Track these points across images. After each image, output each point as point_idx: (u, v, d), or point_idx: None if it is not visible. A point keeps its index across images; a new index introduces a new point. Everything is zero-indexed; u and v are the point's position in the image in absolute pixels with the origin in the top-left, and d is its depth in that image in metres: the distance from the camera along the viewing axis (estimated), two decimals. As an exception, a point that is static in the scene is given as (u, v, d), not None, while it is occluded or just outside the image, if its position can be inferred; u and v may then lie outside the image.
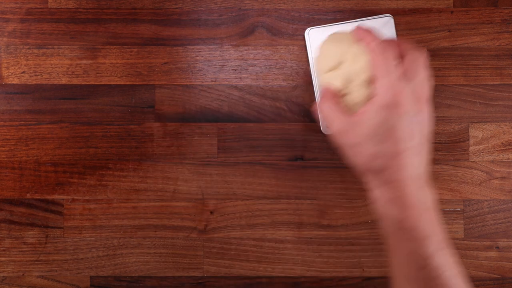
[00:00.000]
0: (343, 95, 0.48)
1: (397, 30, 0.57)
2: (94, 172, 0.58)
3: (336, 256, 0.58)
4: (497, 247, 0.58)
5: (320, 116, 0.54)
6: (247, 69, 0.59)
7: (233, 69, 0.59)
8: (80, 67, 0.59)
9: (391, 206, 0.43)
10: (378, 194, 0.44)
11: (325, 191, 0.58)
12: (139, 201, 0.58)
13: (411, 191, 0.43)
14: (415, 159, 0.43)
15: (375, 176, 0.44)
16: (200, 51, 0.59)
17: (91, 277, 0.58)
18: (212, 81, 0.58)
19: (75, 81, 0.59)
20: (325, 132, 0.57)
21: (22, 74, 0.58)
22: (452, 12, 0.59)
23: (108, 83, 0.59)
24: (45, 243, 0.58)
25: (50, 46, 0.59)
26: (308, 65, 0.58)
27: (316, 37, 0.57)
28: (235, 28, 0.59)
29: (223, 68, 0.59)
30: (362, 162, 0.45)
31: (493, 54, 0.58)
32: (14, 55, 0.58)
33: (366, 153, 0.44)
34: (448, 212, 0.58)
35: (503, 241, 0.58)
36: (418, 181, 0.43)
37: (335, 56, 0.49)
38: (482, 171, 0.58)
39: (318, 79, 0.54)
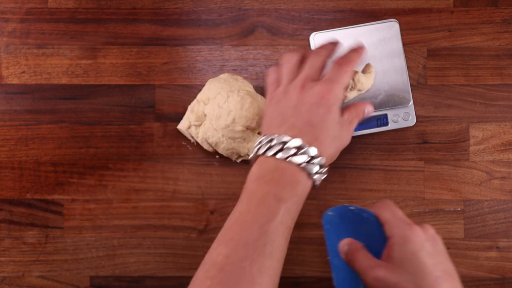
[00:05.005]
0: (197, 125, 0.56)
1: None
2: (94, 172, 0.58)
3: (336, 256, 0.58)
4: (497, 247, 0.58)
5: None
6: (247, 69, 0.59)
7: (233, 69, 0.59)
8: (80, 67, 0.58)
9: None
10: None
11: (325, 191, 0.58)
12: (139, 201, 0.58)
13: None
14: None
15: None
16: (200, 51, 0.59)
17: (91, 277, 0.58)
18: (212, 81, 0.58)
19: (75, 81, 0.59)
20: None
21: (22, 74, 0.58)
22: (452, 12, 0.59)
23: (108, 83, 0.59)
24: (45, 243, 0.58)
25: (50, 46, 0.59)
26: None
27: (321, 42, 0.57)
28: (235, 28, 0.59)
29: (223, 68, 0.59)
30: None
31: (493, 54, 0.58)
32: (14, 55, 0.58)
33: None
34: (448, 212, 0.58)
35: (503, 241, 0.58)
36: None
37: (214, 92, 0.55)
38: (482, 171, 0.58)
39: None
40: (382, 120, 0.57)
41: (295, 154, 0.45)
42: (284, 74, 0.51)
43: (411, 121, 0.57)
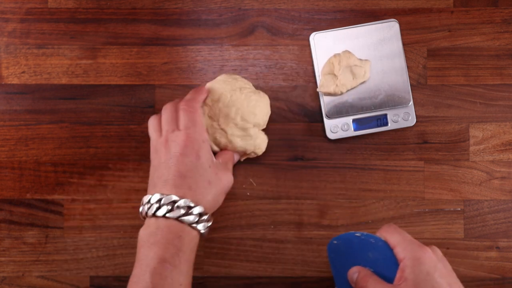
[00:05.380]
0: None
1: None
2: (94, 172, 0.58)
3: (336, 256, 0.58)
4: (497, 247, 0.58)
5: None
6: (247, 69, 0.59)
7: (233, 69, 0.59)
8: (80, 67, 0.58)
9: None
10: None
11: (325, 191, 0.58)
12: (139, 201, 0.58)
13: None
14: None
15: None
16: (200, 51, 0.59)
17: (91, 277, 0.58)
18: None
19: (75, 81, 0.59)
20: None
21: (22, 74, 0.58)
22: (452, 12, 0.59)
23: (108, 83, 0.59)
24: (45, 243, 0.58)
25: (50, 46, 0.59)
26: (313, 69, 0.58)
27: (321, 42, 0.57)
28: (235, 28, 0.59)
29: (223, 68, 0.59)
30: None
31: (493, 54, 0.58)
32: (14, 55, 0.58)
33: None
34: (448, 212, 0.58)
35: (503, 241, 0.58)
36: None
37: (216, 94, 0.54)
38: (482, 171, 0.58)
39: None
40: (382, 120, 0.57)
41: (172, 210, 0.47)
42: (163, 123, 0.52)
43: (411, 121, 0.57)
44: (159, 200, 0.47)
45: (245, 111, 0.53)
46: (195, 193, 0.48)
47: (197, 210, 0.48)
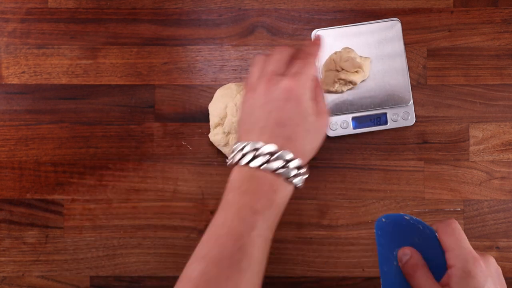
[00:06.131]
0: (224, 145, 0.56)
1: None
2: (94, 172, 0.58)
3: (336, 256, 0.58)
4: (497, 247, 0.58)
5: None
6: (247, 69, 0.59)
7: (233, 69, 0.59)
8: (80, 67, 0.58)
9: None
10: None
11: (325, 191, 0.58)
12: (139, 201, 0.58)
13: None
14: None
15: None
16: (200, 51, 0.59)
17: (91, 277, 0.58)
18: (212, 81, 0.58)
19: (75, 81, 0.59)
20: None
21: (22, 74, 0.58)
22: (452, 12, 0.59)
23: (108, 83, 0.59)
24: (45, 243, 0.58)
25: (50, 46, 0.59)
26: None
27: (323, 39, 0.57)
28: (235, 28, 0.59)
29: (223, 68, 0.59)
30: None
31: (493, 54, 0.58)
32: (14, 55, 0.58)
33: None
34: (448, 212, 0.58)
35: (503, 241, 0.58)
36: None
37: (221, 111, 0.55)
38: (482, 171, 0.58)
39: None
40: (382, 119, 0.57)
41: (268, 161, 0.43)
42: (272, 62, 0.48)
43: (411, 120, 0.57)
44: (256, 149, 0.43)
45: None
46: (294, 144, 0.44)
47: (295, 163, 0.43)
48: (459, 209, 0.58)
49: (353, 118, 0.57)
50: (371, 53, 0.56)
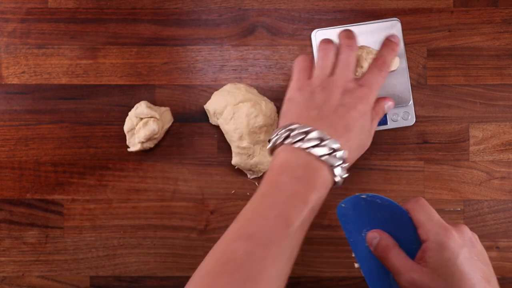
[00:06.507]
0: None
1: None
2: (94, 172, 0.58)
3: (336, 256, 0.58)
4: (497, 247, 0.58)
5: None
6: (247, 69, 0.59)
7: (233, 69, 0.59)
8: (80, 67, 0.59)
9: None
10: None
11: (325, 191, 0.58)
12: (139, 201, 0.58)
13: None
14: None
15: None
16: (200, 51, 0.59)
17: (91, 277, 0.58)
18: (212, 81, 0.58)
19: (75, 81, 0.59)
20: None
21: (22, 74, 0.58)
22: (452, 12, 0.59)
23: (108, 83, 0.59)
24: (45, 243, 0.58)
25: (50, 46, 0.59)
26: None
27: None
28: (235, 28, 0.59)
29: (223, 68, 0.59)
30: None
31: (493, 54, 0.58)
32: (14, 55, 0.58)
33: None
34: (448, 212, 0.58)
35: (503, 241, 0.58)
36: None
37: (221, 105, 0.55)
38: (482, 171, 0.58)
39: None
40: (382, 118, 0.57)
41: (317, 146, 0.43)
42: (319, 66, 0.49)
43: (411, 120, 0.57)
44: (320, 139, 0.43)
45: (244, 131, 0.54)
46: (350, 148, 0.45)
47: (341, 154, 0.44)
48: (459, 209, 0.58)
49: (353, 118, 0.57)
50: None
